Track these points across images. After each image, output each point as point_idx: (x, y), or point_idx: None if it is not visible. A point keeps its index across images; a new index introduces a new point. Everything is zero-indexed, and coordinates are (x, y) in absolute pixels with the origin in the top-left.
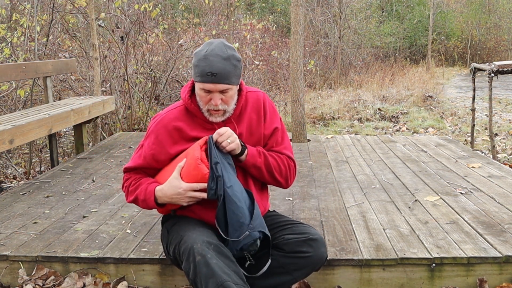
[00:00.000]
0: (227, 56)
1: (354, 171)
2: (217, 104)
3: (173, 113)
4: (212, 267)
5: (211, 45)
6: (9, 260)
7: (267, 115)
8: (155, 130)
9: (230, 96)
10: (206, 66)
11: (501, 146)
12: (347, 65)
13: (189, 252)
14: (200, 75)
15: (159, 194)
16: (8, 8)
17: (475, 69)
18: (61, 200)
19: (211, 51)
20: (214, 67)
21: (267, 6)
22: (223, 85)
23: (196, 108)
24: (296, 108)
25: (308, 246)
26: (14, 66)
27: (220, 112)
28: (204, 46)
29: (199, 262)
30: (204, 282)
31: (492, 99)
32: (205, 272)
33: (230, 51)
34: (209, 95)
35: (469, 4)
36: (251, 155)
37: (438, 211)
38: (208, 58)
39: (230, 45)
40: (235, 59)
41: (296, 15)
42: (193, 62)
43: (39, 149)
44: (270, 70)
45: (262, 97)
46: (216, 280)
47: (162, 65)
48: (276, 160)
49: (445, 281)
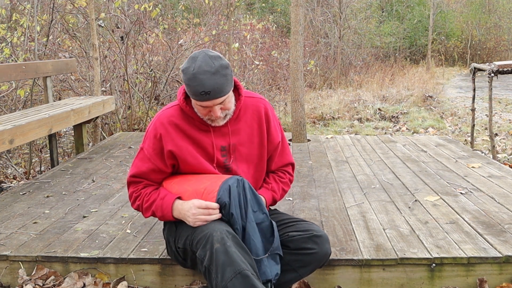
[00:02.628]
0: (215, 70)
1: (354, 171)
2: (217, 116)
3: (169, 111)
4: (231, 254)
5: (196, 61)
6: (9, 260)
7: (271, 127)
8: (153, 129)
9: (229, 102)
10: (198, 86)
11: (501, 146)
12: (347, 65)
13: (207, 239)
14: (194, 94)
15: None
16: (8, 8)
17: (475, 69)
18: (61, 200)
19: (198, 68)
20: (206, 86)
21: (267, 6)
22: (219, 99)
23: (191, 111)
24: (296, 108)
25: (313, 243)
26: (14, 66)
27: (221, 118)
28: (189, 62)
29: (218, 250)
30: (221, 269)
31: (492, 99)
32: (223, 259)
33: (217, 61)
34: (208, 109)
35: (469, 4)
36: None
37: (438, 211)
38: (197, 77)
39: (214, 53)
40: (224, 68)
41: (296, 15)
42: (184, 80)
43: (39, 149)
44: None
45: (264, 107)
46: (235, 268)
47: (162, 65)
48: (284, 189)
49: (445, 281)
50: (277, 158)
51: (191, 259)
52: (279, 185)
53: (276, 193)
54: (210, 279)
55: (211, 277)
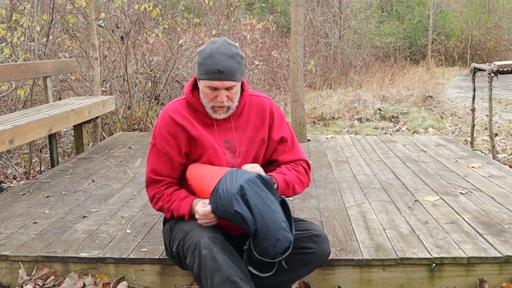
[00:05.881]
0: (232, 54)
1: (354, 171)
2: (223, 101)
3: (175, 104)
4: (218, 261)
5: (215, 43)
6: (9, 260)
7: (275, 123)
8: (162, 122)
9: (235, 93)
10: (213, 64)
11: (501, 146)
12: (347, 65)
13: (195, 246)
14: (206, 73)
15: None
16: (8, 8)
17: (475, 69)
18: (61, 200)
19: (216, 49)
20: (221, 65)
21: (267, 6)
22: (229, 82)
23: (197, 102)
24: (296, 108)
25: (312, 242)
26: (14, 66)
27: (224, 109)
28: (208, 44)
29: (205, 256)
30: (209, 276)
31: (492, 99)
32: (211, 266)
33: (235, 49)
34: (215, 92)
35: (469, 4)
36: (281, 191)
37: (438, 211)
38: (214, 56)
39: (233, 43)
40: (239, 56)
41: (296, 15)
42: (198, 61)
43: (39, 149)
44: (270, 70)
45: (269, 104)
46: (222, 274)
47: (162, 65)
48: (297, 177)
49: (445, 281)
50: (286, 154)
51: (186, 262)
52: (291, 171)
53: (287, 176)
54: (201, 285)
55: (201, 283)
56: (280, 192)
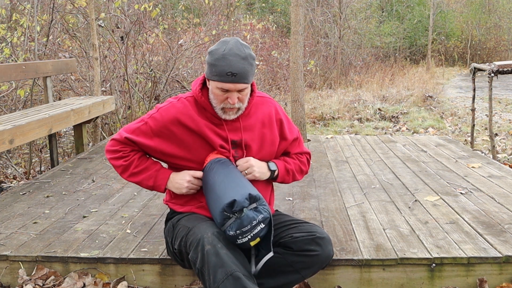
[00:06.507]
0: (245, 55)
1: (354, 171)
2: (234, 102)
3: (183, 103)
4: (222, 256)
5: (227, 44)
6: (9, 260)
7: (284, 123)
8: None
9: (246, 94)
10: (226, 66)
11: (501, 146)
12: (347, 65)
13: (198, 241)
14: (218, 75)
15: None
16: (8, 8)
17: (475, 69)
18: (61, 200)
19: (229, 50)
20: (234, 67)
21: (267, 6)
22: (242, 85)
23: (206, 101)
24: (296, 108)
25: (316, 245)
26: (14, 66)
27: (234, 110)
28: (220, 44)
29: (209, 252)
30: (212, 271)
31: (492, 99)
32: (215, 261)
33: (247, 50)
34: (226, 94)
35: (469, 4)
36: (281, 178)
37: (438, 211)
38: (227, 58)
39: (245, 43)
40: (252, 58)
41: (296, 15)
42: (210, 61)
43: (39, 149)
44: (270, 70)
45: (274, 106)
46: (226, 269)
47: (162, 65)
48: (299, 166)
49: (445, 281)
50: (295, 148)
51: (187, 260)
52: (295, 161)
53: (288, 163)
54: (203, 281)
55: (204, 279)
56: (280, 178)
